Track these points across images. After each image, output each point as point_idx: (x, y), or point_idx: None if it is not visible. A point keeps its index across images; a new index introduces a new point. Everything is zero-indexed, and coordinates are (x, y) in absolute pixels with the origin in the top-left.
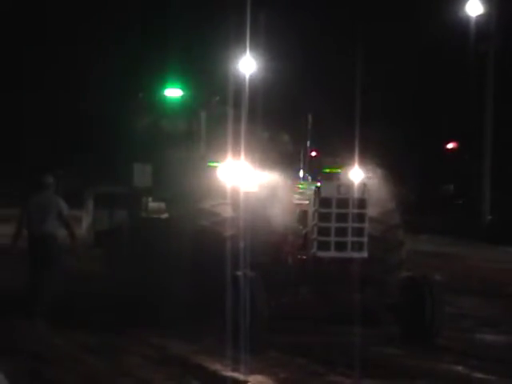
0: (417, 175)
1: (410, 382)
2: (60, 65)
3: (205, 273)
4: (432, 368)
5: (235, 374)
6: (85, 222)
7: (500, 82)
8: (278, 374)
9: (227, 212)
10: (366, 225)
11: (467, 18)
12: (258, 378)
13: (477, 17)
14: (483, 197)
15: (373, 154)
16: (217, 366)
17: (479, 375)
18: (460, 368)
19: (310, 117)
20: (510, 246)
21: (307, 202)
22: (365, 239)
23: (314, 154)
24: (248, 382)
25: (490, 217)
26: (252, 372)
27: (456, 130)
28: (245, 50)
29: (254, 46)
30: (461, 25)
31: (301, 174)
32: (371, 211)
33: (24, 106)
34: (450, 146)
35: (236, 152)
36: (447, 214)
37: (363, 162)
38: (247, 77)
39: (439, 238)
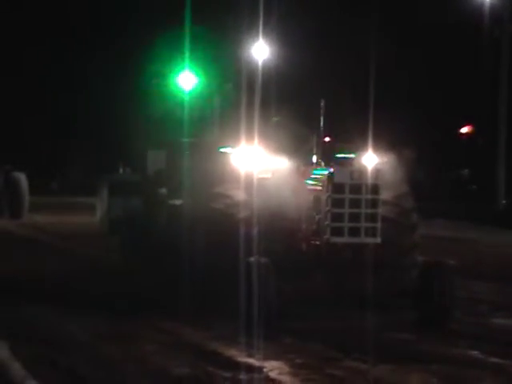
0: (431, 160)
1: (426, 367)
2: (75, 52)
3: (219, 258)
4: (447, 353)
5: (250, 360)
6: (99, 209)
7: None
8: (293, 360)
9: (241, 195)
10: (379, 210)
11: (482, 2)
12: (274, 363)
13: (491, 0)
14: (498, 182)
15: (387, 139)
16: (232, 352)
17: (494, 360)
18: (475, 353)
19: (322, 102)
20: None
21: (321, 187)
22: (378, 225)
23: (327, 139)
24: (264, 367)
25: (504, 201)
26: (267, 358)
27: (470, 114)
28: (258, 36)
29: (268, 32)
30: (475, 8)
31: (314, 159)
32: (385, 194)
33: (37, 93)
34: (465, 130)
35: (249, 137)
36: (462, 199)
37: (377, 147)
38: (260, 63)
39: (454, 223)
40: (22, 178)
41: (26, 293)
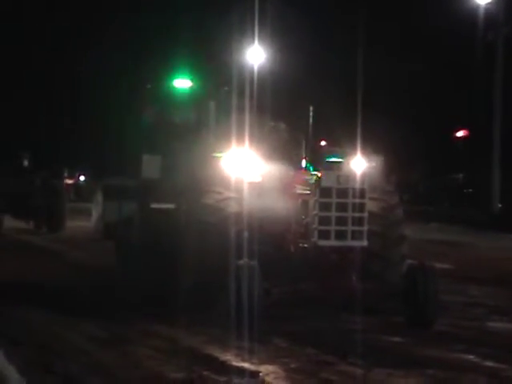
0: (426, 164)
1: (422, 371)
2: (70, 58)
3: (211, 265)
4: (443, 356)
5: (245, 364)
6: (94, 214)
7: (509, 70)
8: (288, 364)
9: (232, 207)
10: (366, 214)
11: (476, 6)
12: (269, 368)
13: (485, 5)
14: (493, 185)
15: (379, 143)
16: (227, 357)
17: (491, 363)
18: (471, 356)
19: (311, 107)
20: None
21: (309, 191)
22: (365, 228)
23: (323, 143)
24: (259, 372)
25: (499, 205)
26: (262, 362)
27: (465, 118)
28: (253, 41)
29: (263, 36)
30: (470, 13)
31: (303, 163)
32: (374, 206)
33: (35, 101)
34: (460, 134)
35: (242, 142)
36: (457, 202)
37: (368, 152)
38: (255, 67)
39: (449, 227)
40: (61, 186)
41: (22, 297)
